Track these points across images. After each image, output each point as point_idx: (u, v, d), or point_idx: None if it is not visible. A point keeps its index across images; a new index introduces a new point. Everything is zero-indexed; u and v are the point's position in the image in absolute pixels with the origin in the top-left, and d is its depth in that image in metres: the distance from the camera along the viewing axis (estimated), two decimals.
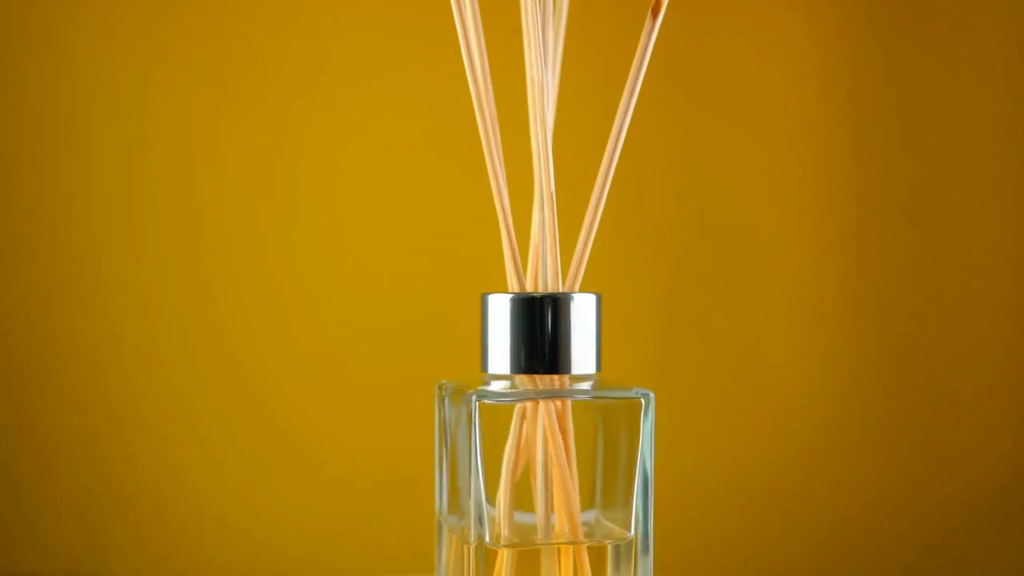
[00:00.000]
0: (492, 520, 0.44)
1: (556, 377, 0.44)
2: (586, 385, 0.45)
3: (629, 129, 0.45)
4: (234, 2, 0.69)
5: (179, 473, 0.69)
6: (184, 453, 0.69)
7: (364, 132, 0.70)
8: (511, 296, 0.44)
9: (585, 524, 0.45)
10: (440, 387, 0.47)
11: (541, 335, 0.44)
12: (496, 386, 0.45)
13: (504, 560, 0.44)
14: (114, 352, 0.69)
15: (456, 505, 0.45)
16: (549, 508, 0.45)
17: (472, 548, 0.43)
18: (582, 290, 0.46)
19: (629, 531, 0.45)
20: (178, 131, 0.69)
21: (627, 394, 0.45)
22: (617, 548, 0.45)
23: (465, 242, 0.70)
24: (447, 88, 0.70)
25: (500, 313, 0.44)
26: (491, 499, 0.44)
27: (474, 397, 0.43)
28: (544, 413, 0.44)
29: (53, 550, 0.69)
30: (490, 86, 0.45)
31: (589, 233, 0.46)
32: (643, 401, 0.45)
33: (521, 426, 0.45)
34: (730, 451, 0.71)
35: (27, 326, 0.69)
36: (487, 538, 0.43)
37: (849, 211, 0.71)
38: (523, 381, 0.45)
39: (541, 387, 0.44)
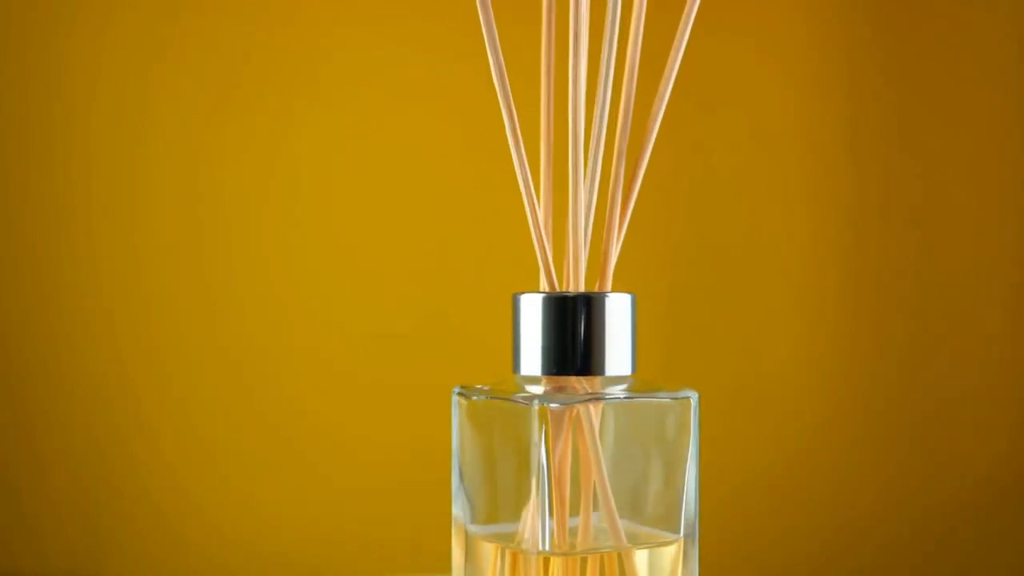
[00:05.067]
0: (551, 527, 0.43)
1: (590, 379, 0.43)
2: (622, 387, 0.44)
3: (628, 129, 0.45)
4: (234, 2, 0.69)
5: (179, 474, 0.69)
6: (184, 454, 0.69)
7: (364, 132, 0.70)
8: (544, 296, 0.43)
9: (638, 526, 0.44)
10: (461, 392, 0.46)
11: (573, 336, 0.43)
12: (532, 389, 0.43)
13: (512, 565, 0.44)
14: (114, 352, 0.69)
15: (495, 512, 0.44)
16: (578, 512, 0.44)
17: (535, 558, 0.42)
18: (587, 290, 0.45)
19: (678, 534, 0.44)
20: (178, 131, 0.69)
21: (675, 395, 0.44)
22: (652, 554, 0.44)
23: (466, 243, 0.70)
24: (447, 88, 0.70)
25: (532, 313, 0.43)
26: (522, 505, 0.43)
27: (536, 402, 0.42)
28: (581, 416, 0.43)
29: (53, 550, 0.69)
30: (560, 81, 0.44)
31: (619, 232, 0.45)
32: (692, 401, 0.44)
33: (561, 430, 0.43)
34: (730, 451, 0.71)
35: (27, 326, 0.69)
36: (547, 546, 0.42)
37: (849, 211, 0.71)
38: (555, 383, 0.43)
39: (575, 389, 0.43)
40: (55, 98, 0.68)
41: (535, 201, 0.44)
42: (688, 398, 0.44)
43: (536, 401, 0.42)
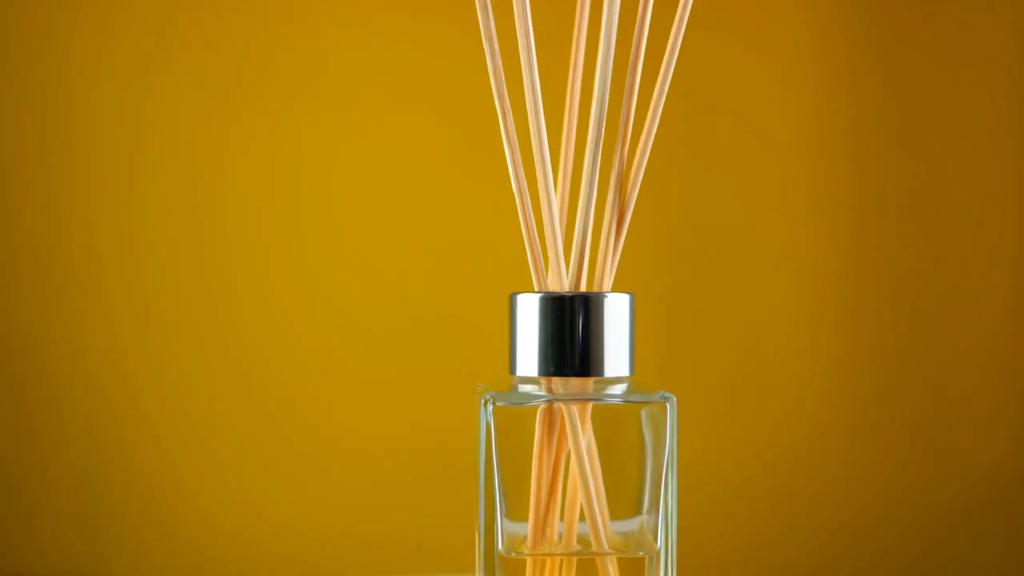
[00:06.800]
0: (507, 528, 0.42)
1: (585, 380, 0.43)
2: (618, 388, 0.43)
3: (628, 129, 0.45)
4: (234, 2, 0.69)
5: (179, 474, 0.69)
6: (184, 454, 0.69)
7: (364, 132, 0.70)
8: (541, 296, 0.42)
9: (620, 533, 0.44)
10: (478, 391, 0.45)
11: (571, 336, 0.42)
12: (523, 389, 0.43)
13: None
14: (114, 352, 0.69)
15: (480, 511, 0.44)
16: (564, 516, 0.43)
17: (481, 555, 0.42)
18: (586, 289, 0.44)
19: (656, 541, 0.44)
20: (178, 131, 0.69)
21: (650, 398, 0.43)
22: (631, 560, 0.44)
23: (472, 241, 0.70)
24: (447, 87, 0.70)
25: (529, 314, 0.42)
26: (512, 506, 0.42)
27: (485, 399, 0.41)
28: (566, 417, 0.42)
29: (52, 550, 0.69)
30: (536, 86, 0.44)
31: (620, 232, 0.45)
32: (668, 406, 0.43)
33: (545, 430, 0.43)
34: (730, 451, 0.71)
35: (27, 326, 0.69)
36: (500, 547, 0.42)
37: (849, 211, 0.71)
38: (552, 383, 0.43)
39: (570, 390, 0.43)
40: (55, 98, 0.68)
41: (526, 198, 0.44)
42: (665, 401, 0.44)
43: (483, 398, 0.41)
